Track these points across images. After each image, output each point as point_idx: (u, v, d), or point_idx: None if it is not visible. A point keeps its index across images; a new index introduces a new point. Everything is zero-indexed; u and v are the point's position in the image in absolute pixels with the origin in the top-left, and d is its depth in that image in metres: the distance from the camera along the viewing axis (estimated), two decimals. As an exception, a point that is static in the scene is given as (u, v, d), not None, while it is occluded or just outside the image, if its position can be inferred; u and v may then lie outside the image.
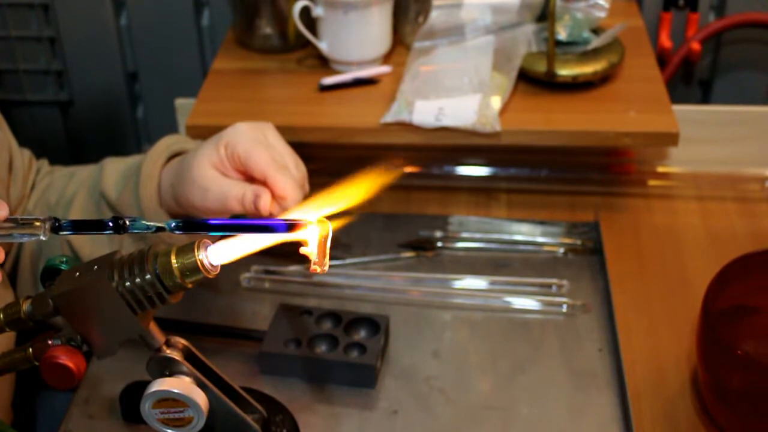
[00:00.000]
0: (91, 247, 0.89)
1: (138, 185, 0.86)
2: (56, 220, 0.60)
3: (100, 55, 1.43)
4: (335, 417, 0.86)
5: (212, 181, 0.82)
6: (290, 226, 0.57)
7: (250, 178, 0.83)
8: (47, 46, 1.43)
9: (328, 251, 0.57)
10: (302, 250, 0.57)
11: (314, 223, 0.57)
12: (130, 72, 1.46)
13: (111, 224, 0.60)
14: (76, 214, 0.91)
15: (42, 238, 0.60)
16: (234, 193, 0.81)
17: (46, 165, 1.00)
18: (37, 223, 0.60)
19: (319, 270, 0.57)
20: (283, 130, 0.87)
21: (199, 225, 0.60)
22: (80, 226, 0.61)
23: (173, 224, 0.59)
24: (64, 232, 0.61)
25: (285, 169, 0.82)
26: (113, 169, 0.91)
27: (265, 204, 0.80)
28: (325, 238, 0.57)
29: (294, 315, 0.92)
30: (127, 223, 0.60)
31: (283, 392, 0.86)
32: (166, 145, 0.89)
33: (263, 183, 0.81)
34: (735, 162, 1.15)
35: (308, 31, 1.15)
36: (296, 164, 0.84)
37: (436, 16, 1.19)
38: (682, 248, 1.05)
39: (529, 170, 1.15)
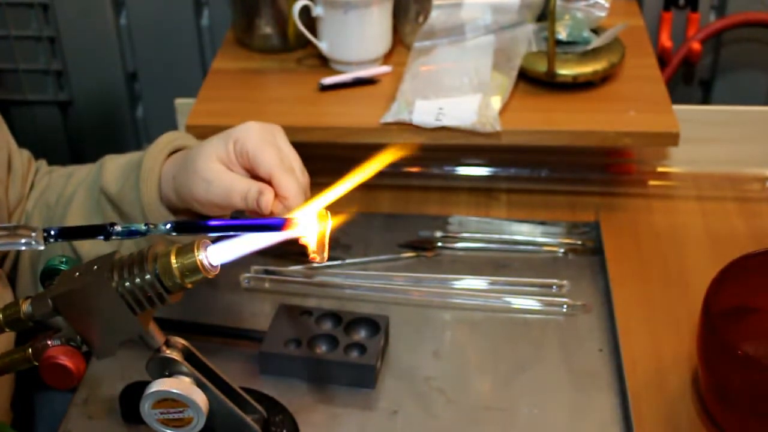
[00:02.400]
0: (90, 244, 0.89)
1: (139, 179, 0.86)
2: (48, 229, 0.61)
3: (100, 55, 1.43)
4: (335, 417, 0.86)
5: (217, 174, 0.82)
6: (285, 223, 0.57)
7: (254, 177, 0.83)
8: (47, 46, 1.43)
9: (327, 241, 0.58)
10: (302, 240, 0.58)
11: (313, 213, 0.57)
12: (130, 72, 1.46)
13: (103, 229, 0.60)
14: (75, 213, 0.91)
15: (40, 248, 0.61)
16: (238, 189, 0.81)
17: (44, 165, 1.00)
18: (32, 233, 0.60)
19: (318, 259, 0.58)
20: (284, 130, 0.87)
21: (194, 226, 0.60)
22: (70, 233, 0.62)
23: (168, 225, 0.59)
24: (57, 239, 0.61)
25: (291, 171, 0.82)
26: (113, 164, 0.91)
27: (268, 202, 0.80)
28: (325, 228, 0.57)
29: (294, 315, 0.92)
30: (117, 228, 0.60)
31: (283, 392, 0.86)
32: (167, 140, 0.89)
33: (268, 182, 0.81)
34: (735, 162, 1.15)
35: (308, 31, 1.15)
36: (301, 170, 0.85)
37: (436, 16, 1.19)
38: (682, 248, 1.05)
39: (529, 170, 1.15)
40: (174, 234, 0.60)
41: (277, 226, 0.57)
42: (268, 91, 1.17)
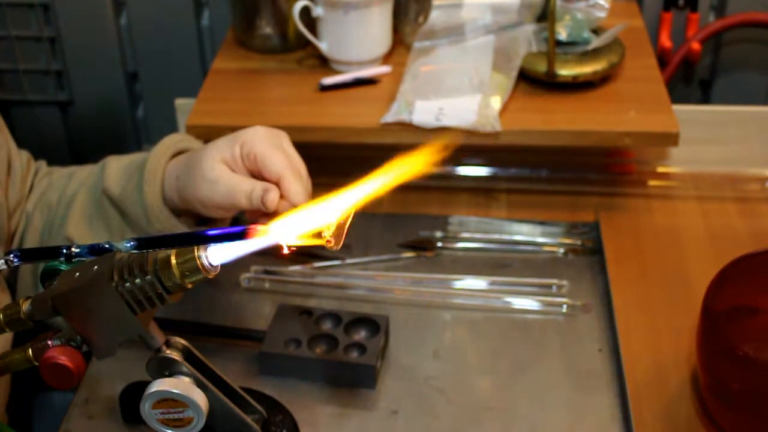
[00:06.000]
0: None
1: (142, 181, 0.87)
2: (9, 252, 0.63)
3: (100, 55, 1.43)
4: (335, 417, 0.86)
5: (221, 174, 0.83)
6: (248, 231, 0.57)
7: (259, 179, 0.84)
8: (47, 46, 1.43)
9: (346, 229, 0.58)
10: (320, 227, 0.58)
11: (335, 207, 0.58)
12: (130, 72, 1.46)
13: (64, 251, 0.62)
14: (77, 214, 0.91)
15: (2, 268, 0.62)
16: (243, 188, 0.82)
17: (44, 166, 1.00)
18: None
19: (333, 244, 0.58)
20: (284, 130, 0.87)
21: (158, 241, 0.60)
22: (32, 255, 0.63)
23: (130, 243, 0.60)
24: (20, 262, 0.63)
25: (299, 174, 0.83)
26: (116, 165, 0.91)
27: (273, 200, 0.80)
28: (346, 218, 0.58)
29: (294, 315, 0.92)
30: (75, 251, 0.61)
31: (283, 392, 0.86)
32: (171, 142, 0.90)
33: (276, 184, 0.82)
34: (735, 162, 1.15)
35: (308, 31, 1.15)
36: (306, 175, 0.85)
37: (436, 16, 1.19)
38: (682, 248, 1.05)
39: (529, 170, 1.15)
40: (135, 252, 0.60)
41: (241, 233, 0.58)
42: (268, 91, 1.17)
